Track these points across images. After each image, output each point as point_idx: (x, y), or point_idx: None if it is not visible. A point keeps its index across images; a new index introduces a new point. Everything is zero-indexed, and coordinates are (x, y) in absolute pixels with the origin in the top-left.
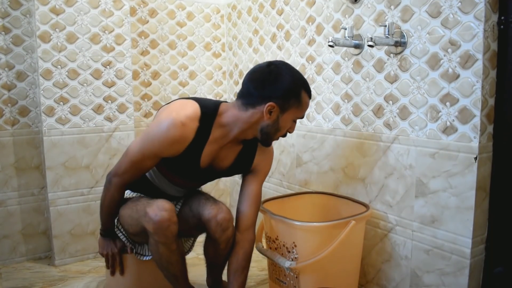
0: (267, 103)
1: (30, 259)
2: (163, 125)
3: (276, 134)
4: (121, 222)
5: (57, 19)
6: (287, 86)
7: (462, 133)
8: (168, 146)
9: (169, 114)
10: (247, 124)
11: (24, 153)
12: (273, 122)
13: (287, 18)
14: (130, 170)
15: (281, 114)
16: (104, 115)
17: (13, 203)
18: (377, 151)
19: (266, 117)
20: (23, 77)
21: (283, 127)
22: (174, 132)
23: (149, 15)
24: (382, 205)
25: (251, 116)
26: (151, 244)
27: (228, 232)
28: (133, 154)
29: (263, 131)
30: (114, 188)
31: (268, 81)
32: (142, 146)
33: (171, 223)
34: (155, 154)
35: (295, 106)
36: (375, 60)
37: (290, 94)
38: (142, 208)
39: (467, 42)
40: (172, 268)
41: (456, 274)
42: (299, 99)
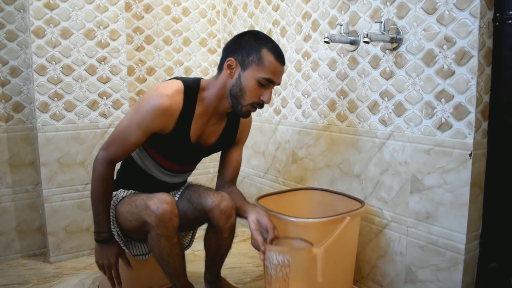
0: (226, 59)
1: (25, 256)
2: (151, 99)
3: (244, 97)
4: (119, 219)
5: (51, 14)
6: (246, 42)
7: (457, 129)
8: (156, 118)
9: (156, 90)
10: (220, 90)
11: (18, 149)
12: (236, 81)
13: (283, 14)
14: (117, 143)
15: (242, 71)
16: (99, 111)
17: (7, 199)
18: (372, 148)
19: (227, 74)
20: (17, 72)
21: (248, 88)
22: (161, 103)
23: (144, 10)
24: (377, 201)
25: (220, 80)
26: (151, 238)
27: (232, 220)
28: (121, 126)
29: (232, 94)
30: (100, 163)
31: (232, 43)
32: (131, 119)
33: (173, 215)
34: (143, 128)
35: (255, 63)
36: (371, 57)
37: (249, 50)
38: (142, 202)
39: (463, 39)
40: (173, 262)
41: (450, 270)
42: (260, 56)
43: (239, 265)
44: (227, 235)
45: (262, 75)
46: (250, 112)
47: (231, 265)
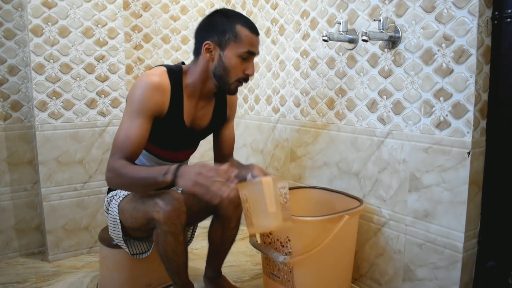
0: (203, 43)
1: (23, 255)
2: (140, 82)
3: (229, 75)
4: (122, 217)
5: (49, 13)
6: (218, 22)
7: (456, 128)
8: (151, 95)
9: (141, 77)
10: (202, 74)
11: (17, 148)
12: (218, 63)
13: (281, 13)
14: (125, 142)
15: (222, 51)
16: (97, 110)
17: (6, 198)
18: (371, 146)
19: (208, 57)
20: (15, 71)
21: (231, 66)
22: (152, 80)
23: (143, 9)
24: (375, 200)
25: (201, 64)
26: (157, 234)
27: (239, 209)
28: (123, 125)
29: (216, 76)
30: (112, 167)
31: (203, 26)
32: (130, 112)
33: (181, 212)
34: (144, 111)
35: (232, 40)
36: (369, 55)
37: (223, 29)
38: (150, 199)
39: (461, 37)
40: (177, 259)
41: (448, 268)
42: (235, 33)
43: (238, 264)
44: (234, 224)
45: (242, 50)
46: (237, 88)
47: (230, 264)
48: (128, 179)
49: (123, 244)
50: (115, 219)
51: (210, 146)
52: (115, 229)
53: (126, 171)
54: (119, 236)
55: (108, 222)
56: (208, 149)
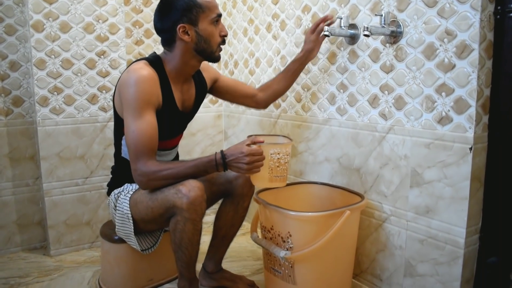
0: (176, 29)
1: (25, 249)
2: (129, 80)
3: (211, 45)
4: (134, 209)
5: (50, 8)
6: (177, 4)
7: (458, 123)
8: (147, 88)
9: (126, 74)
10: (183, 57)
11: (18, 143)
12: (198, 39)
13: (282, 8)
14: (141, 142)
15: (196, 27)
16: (98, 105)
17: (8, 193)
18: (372, 142)
19: (187, 39)
20: (16, 67)
21: (209, 35)
22: (140, 74)
23: (143, 4)
24: (377, 195)
25: (180, 49)
26: (176, 221)
27: (253, 188)
28: (133, 124)
29: (199, 51)
30: (157, 171)
31: (163, 13)
32: (134, 110)
33: (203, 200)
34: (146, 105)
35: (200, 12)
36: (371, 50)
37: (187, 8)
38: (171, 187)
39: (463, 32)
40: (191, 249)
41: (450, 264)
42: (198, 4)
43: (239, 259)
44: (247, 204)
45: (212, 16)
46: (220, 52)
47: (231, 259)
48: (172, 179)
49: (133, 240)
50: (125, 214)
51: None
52: (124, 225)
53: (168, 172)
54: (129, 232)
55: (116, 219)
56: (209, 145)
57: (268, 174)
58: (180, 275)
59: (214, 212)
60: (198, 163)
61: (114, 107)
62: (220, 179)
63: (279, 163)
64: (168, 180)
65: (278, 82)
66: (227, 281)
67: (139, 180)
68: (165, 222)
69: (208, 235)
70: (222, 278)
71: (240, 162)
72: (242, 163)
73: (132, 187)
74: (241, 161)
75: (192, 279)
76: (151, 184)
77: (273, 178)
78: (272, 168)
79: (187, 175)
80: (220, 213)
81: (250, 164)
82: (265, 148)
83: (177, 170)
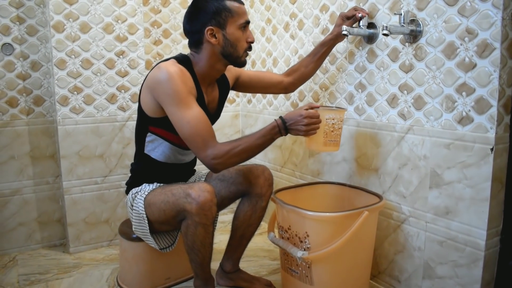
0: (204, 31)
1: (45, 246)
2: (167, 76)
3: (237, 49)
4: (149, 211)
5: (71, 9)
6: (208, 7)
7: (478, 123)
8: (184, 81)
9: (161, 70)
10: (210, 60)
11: (39, 142)
12: (224, 42)
13: (300, 7)
14: (205, 127)
15: (224, 31)
16: (117, 105)
17: (29, 191)
18: (391, 142)
19: (214, 41)
20: (37, 67)
21: (236, 39)
22: (172, 70)
23: (162, 4)
24: (395, 196)
25: (207, 51)
26: (187, 225)
27: (271, 188)
28: (186, 116)
29: (226, 55)
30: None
31: (193, 16)
32: (179, 102)
33: (213, 204)
34: (191, 97)
35: (229, 17)
36: (390, 49)
37: (216, 11)
38: (181, 191)
39: (485, 31)
40: (204, 251)
41: (470, 266)
42: (228, 9)
43: (256, 259)
44: (265, 204)
45: (240, 21)
46: (246, 58)
47: (248, 258)
48: (245, 153)
49: (150, 239)
50: (141, 214)
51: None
52: (140, 224)
53: (241, 148)
54: (145, 231)
55: (133, 218)
56: None
57: (323, 138)
58: (195, 274)
59: (232, 212)
60: (263, 132)
61: (140, 105)
62: (239, 179)
63: (333, 128)
64: (242, 155)
65: (306, 65)
66: (244, 281)
67: (214, 163)
68: (178, 224)
69: (226, 234)
70: (239, 279)
71: (299, 124)
72: (301, 125)
73: (149, 188)
74: (300, 123)
75: (207, 278)
76: (228, 163)
77: (327, 142)
78: (327, 132)
79: (258, 146)
80: (238, 212)
81: (308, 126)
82: (322, 112)
83: (248, 144)
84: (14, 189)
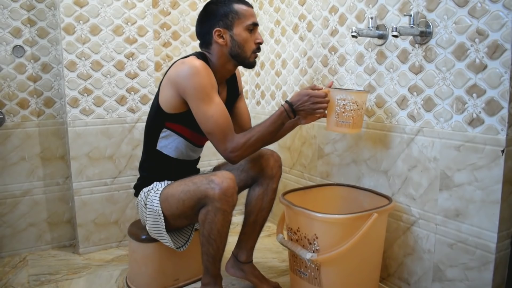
0: (212, 32)
1: (55, 247)
2: (191, 70)
3: (245, 50)
4: (165, 205)
5: (81, 11)
6: (217, 10)
7: (489, 125)
8: (210, 77)
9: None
10: (219, 60)
11: (49, 143)
12: (232, 43)
13: (309, 9)
14: (225, 121)
15: (231, 32)
16: (127, 106)
17: (39, 192)
18: (400, 143)
19: (222, 42)
20: (48, 68)
21: (244, 40)
22: (200, 64)
23: (171, 6)
24: (405, 198)
25: (216, 52)
26: (207, 212)
27: (281, 170)
28: (210, 109)
29: (233, 55)
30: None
31: (203, 18)
32: (204, 96)
33: (235, 191)
34: (214, 90)
35: (236, 19)
36: (399, 51)
37: (224, 14)
38: (203, 179)
39: (495, 32)
40: (219, 241)
41: (480, 269)
42: (236, 11)
43: (264, 260)
44: (275, 185)
45: (247, 23)
46: (255, 59)
47: (256, 260)
48: (260, 141)
49: (166, 237)
50: (156, 211)
51: None
52: (155, 222)
53: (255, 138)
54: (161, 229)
55: (147, 218)
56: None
57: (335, 119)
58: (205, 270)
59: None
60: (273, 119)
61: (158, 102)
62: (249, 164)
63: (345, 109)
64: (257, 145)
65: None
66: (254, 277)
67: (233, 156)
68: (195, 216)
69: (235, 236)
70: (250, 273)
71: (305, 104)
72: (307, 104)
73: (161, 185)
74: (306, 103)
75: (216, 276)
76: (245, 155)
77: (339, 123)
78: (338, 113)
79: (270, 132)
80: (249, 198)
81: (314, 105)
82: (332, 92)
83: (261, 133)
84: (24, 190)
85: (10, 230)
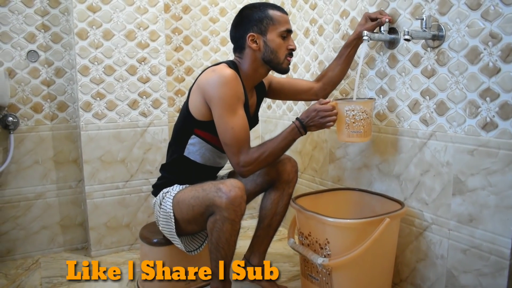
0: (246, 37)
1: (68, 250)
2: (220, 80)
3: (278, 56)
4: (176, 208)
5: (94, 17)
6: (251, 15)
7: (503, 129)
8: (238, 88)
9: (214, 74)
10: (252, 64)
11: (63, 147)
12: (265, 48)
13: (320, 13)
14: (242, 135)
15: (265, 37)
16: (139, 110)
17: (52, 195)
18: (413, 148)
19: (255, 47)
20: (61, 73)
21: (277, 46)
22: (230, 73)
23: (183, 11)
24: (417, 203)
25: (249, 56)
26: (215, 220)
27: (297, 176)
28: (231, 121)
29: (266, 61)
30: (259, 155)
31: (238, 23)
32: (228, 107)
33: (243, 201)
34: (240, 103)
35: (270, 25)
36: (412, 54)
37: (259, 19)
38: (212, 186)
39: (509, 35)
40: (227, 249)
41: (494, 275)
42: (270, 17)
43: (276, 265)
44: (291, 190)
45: (281, 29)
46: (289, 64)
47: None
48: (272, 157)
49: (177, 239)
50: (168, 213)
51: None
52: (167, 224)
53: (267, 153)
54: (172, 231)
55: (160, 217)
56: None
57: (346, 130)
58: (213, 275)
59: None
60: (284, 135)
61: (188, 108)
62: (266, 169)
63: (355, 119)
64: (268, 160)
65: (333, 69)
66: (265, 281)
67: (244, 170)
68: (205, 223)
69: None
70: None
71: (315, 119)
72: (317, 119)
73: (179, 188)
74: (315, 118)
75: (225, 281)
76: (255, 170)
77: (350, 133)
78: (348, 124)
79: (281, 148)
80: (265, 202)
81: (323, 118)
82: (340, 105)
83: (272, 148)
84: (38, 193)
85: (23, 233)
